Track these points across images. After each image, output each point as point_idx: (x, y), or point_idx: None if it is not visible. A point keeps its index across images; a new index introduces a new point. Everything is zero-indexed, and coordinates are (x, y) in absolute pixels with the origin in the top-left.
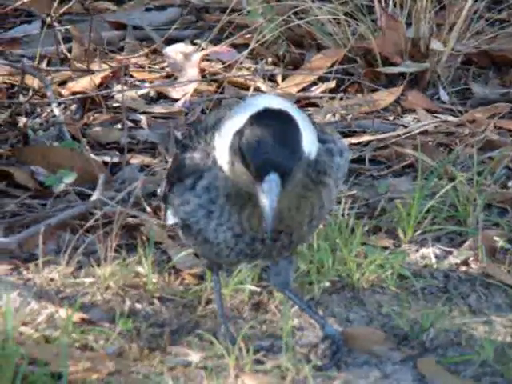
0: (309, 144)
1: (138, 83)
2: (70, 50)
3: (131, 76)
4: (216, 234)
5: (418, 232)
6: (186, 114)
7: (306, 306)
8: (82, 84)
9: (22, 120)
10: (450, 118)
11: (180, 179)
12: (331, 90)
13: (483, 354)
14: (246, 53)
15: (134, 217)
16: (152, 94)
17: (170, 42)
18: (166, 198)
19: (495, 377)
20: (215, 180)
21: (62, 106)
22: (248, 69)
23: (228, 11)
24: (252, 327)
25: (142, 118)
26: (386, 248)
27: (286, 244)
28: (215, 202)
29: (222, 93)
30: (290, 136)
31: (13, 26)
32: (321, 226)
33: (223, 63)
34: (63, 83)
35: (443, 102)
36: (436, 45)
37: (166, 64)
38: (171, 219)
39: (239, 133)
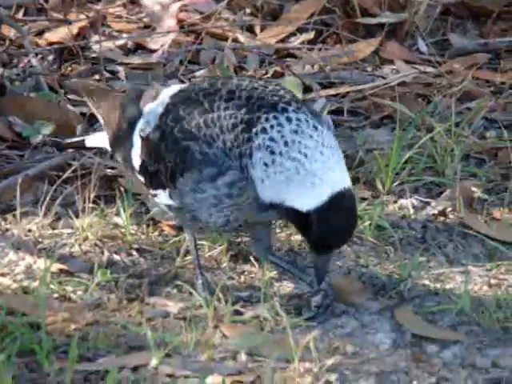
0: None
1: (115, 34)
2: (46, 0)
3: (109, 26)
4: (210, 217)
5: (396, 183)
6: (164, 64)
7: (292, 266)
8: (59, 34)
9: None
10: (429, 69)
11: (188, 168)
12: (310, 41)
13: (460, 304)
14: (224, 3)
15: (112, 168)
16: (129, 44)
17: None
18: (155, 177)
19: (471, 325)
20: (240, 182)
21: (39, 56)
22: (226, 20)
23: None
24: (231, 278)
25: (120, 68)
26: (364, 199)
27: None
28: (232, 197)
29: (200, 43)
30: (354, 219)
31: None
32: None
33: (201, 14)
34: (40, 33)
35: (422, 53)
36: None
37: (143, 14)
38: (165, 200)
39: (316, 212)
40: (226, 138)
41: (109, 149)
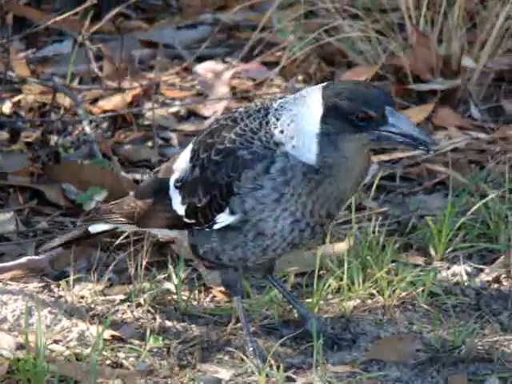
0: None
1: (168, 101)
2: (101, 69)
3: (162, 94)
4: (275, 223)
5: (450, 249)
6: None
7: (288, 293)
8: (113, 102)
9: (54, 138)
10: (482, 135)
11: (241, 171)
12: None
13: None
14: (276, 70)
15: None
16: (182, 111)
17: (201, 60)
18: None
19: None
20: (288, 163)
21: (93, 123)
22: (278, 86)
23: (259, 29)
24: (283, 344)
25: (173, 135)
26: (417, 265)
27: (323, 231)
28: (289, 183)
29: None
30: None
31: (44, 45)
32: (351, 243)
33: (254, 81)
34: (94, 101)
35: (475, 119)
36: (467, 62)
37: (196, 82)
38: (227, 219)
39: (330, 106)
40: (260, 136)
41: (124, 229)
